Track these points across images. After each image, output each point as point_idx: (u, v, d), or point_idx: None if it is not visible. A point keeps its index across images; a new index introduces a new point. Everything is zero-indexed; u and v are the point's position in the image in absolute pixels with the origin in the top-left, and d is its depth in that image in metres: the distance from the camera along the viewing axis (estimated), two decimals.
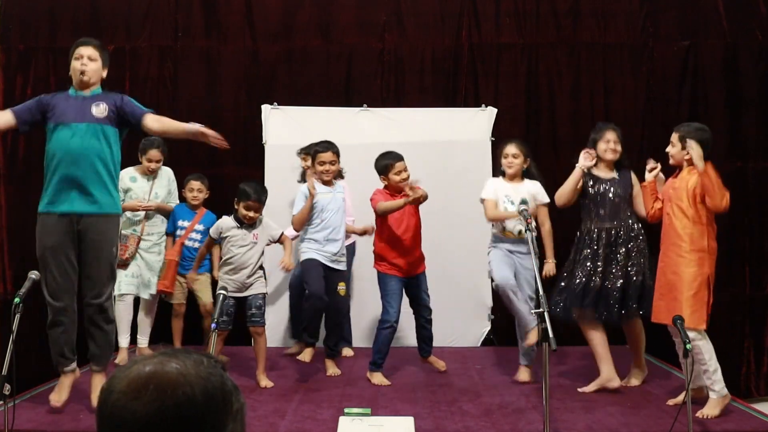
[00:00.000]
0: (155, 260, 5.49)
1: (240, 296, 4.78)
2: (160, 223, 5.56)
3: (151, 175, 5.49)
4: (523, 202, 4.66)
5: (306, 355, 5.49)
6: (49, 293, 4.06)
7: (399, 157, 4.94)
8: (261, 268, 4.90)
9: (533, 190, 4.92)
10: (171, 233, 5.57)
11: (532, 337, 4.63)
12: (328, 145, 5.03)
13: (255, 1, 6.42)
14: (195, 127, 4.07)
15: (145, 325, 5.62)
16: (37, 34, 6.41)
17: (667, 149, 4.42)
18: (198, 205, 5.61)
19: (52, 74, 6.31)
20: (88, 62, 4.16)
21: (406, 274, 4.96)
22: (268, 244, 4.93)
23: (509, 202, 4.83)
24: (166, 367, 1.16)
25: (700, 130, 4.35)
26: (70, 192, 4.05)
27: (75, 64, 4.17)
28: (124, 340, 5.44)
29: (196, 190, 5.59)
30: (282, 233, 4.94)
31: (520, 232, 4.73)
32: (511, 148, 4.94)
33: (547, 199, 4.93)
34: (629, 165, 4.83)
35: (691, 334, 4.01)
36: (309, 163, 5.31)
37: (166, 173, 5.62)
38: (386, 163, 4.93)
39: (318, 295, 4.86)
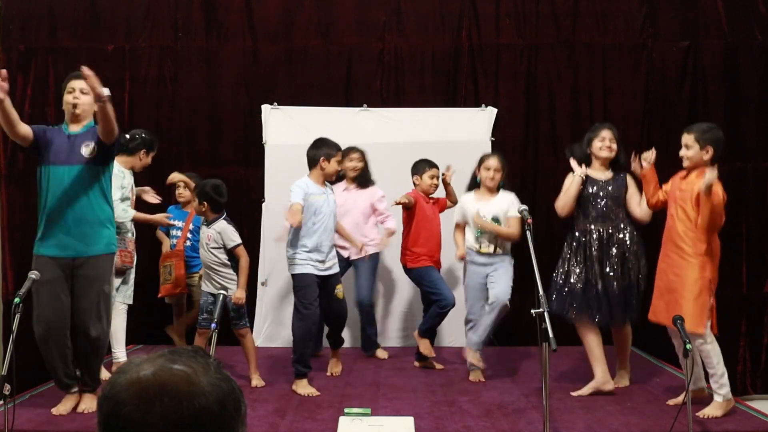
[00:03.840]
0: None
1: (216, 293, 4.50)
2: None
3: (134, 170, 5.36)
4: (524, 211, 4.47)
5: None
6: (35, 321, 4.02)
7: (432, 165, 5.39)
8: (231, 268, 4.71)
9: (508, 203, 4.93)
10: (165, 231, 5.58)
11: (468, 356, 4.95)
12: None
13: (255, 1, 6.42)
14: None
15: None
16: (37, 34, 6.40)
17: (682, 153, 4.23)
18: (186, 203, 5.61)
19: (52, 74, 6.31)
20: (80, 96, 4.05)
21: (435, 263, 5.32)
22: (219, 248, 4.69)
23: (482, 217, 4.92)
24: (174, 374, 1.12)
25: (713, 129, 4.23)
26: (65, 236, 4.00)
27: (67, 98, 4.07)
28: None
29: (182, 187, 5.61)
30: (237, 246, 4.66)
31: (495, 248, 4.91)
32: (494, 162, 4.95)
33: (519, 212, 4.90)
34: (625, 165, 4.69)
35: (698, 340, 4.01)
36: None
37: None
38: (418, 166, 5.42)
39: (314, 319, 4.72)
